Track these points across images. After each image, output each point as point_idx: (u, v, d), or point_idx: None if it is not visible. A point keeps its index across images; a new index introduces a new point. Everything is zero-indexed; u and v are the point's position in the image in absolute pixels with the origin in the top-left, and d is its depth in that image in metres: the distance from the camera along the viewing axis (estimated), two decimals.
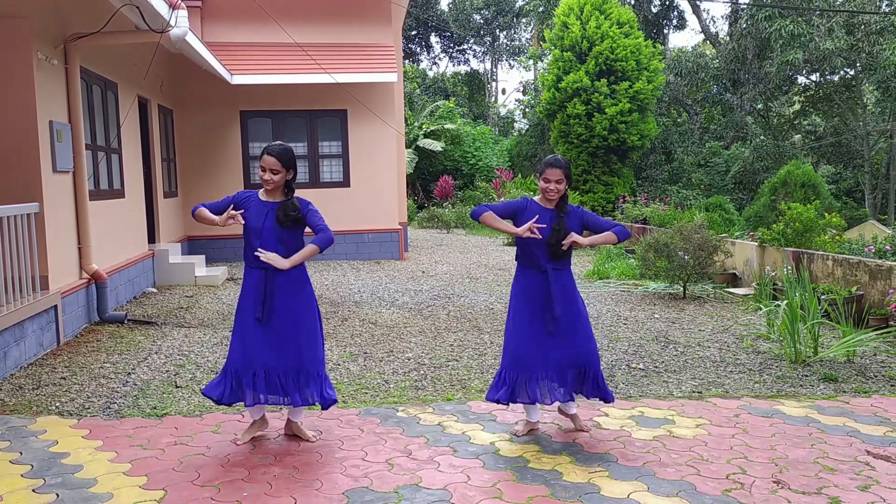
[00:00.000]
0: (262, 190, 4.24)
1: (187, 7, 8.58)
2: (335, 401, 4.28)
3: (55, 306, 6.69)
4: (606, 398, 4.41)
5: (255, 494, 3.60)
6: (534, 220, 4.19)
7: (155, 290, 9.96)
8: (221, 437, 4.39)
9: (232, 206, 4.17)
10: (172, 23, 7.69)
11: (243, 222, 4.12)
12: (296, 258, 4.13)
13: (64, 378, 5.67)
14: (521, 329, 4.29)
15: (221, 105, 12.84)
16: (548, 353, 4.27)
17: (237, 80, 11.96)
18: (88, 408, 4.97)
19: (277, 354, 4.13)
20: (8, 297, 5.96)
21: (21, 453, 4.14)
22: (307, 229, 4.23)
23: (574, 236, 4.23)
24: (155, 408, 4.96)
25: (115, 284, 8.47)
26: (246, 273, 4.22)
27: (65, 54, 7.31)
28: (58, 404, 5.03)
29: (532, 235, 4.18)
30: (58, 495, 3.59)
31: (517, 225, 4.30)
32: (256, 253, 4.10)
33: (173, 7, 7.65)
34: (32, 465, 3.96)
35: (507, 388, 4.28)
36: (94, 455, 4.10)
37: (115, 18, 7.33)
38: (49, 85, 6.94)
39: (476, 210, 4.35)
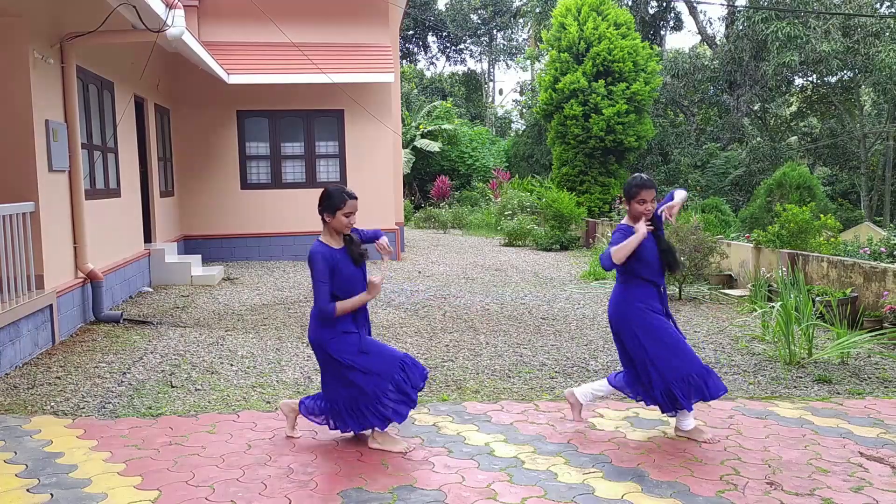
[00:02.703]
0: (324, 238, 4.18)
1: (184, 6, 8.57)
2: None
3: (50, 306, 6.68)
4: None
5: (249, 494, 3.60)
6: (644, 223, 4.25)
7: (151, 290, 9.95)
8: (216, 437, 4.39)
9: (332, 270, 4.11)
10: (169, 22, 7.68)
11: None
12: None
13: (59, 378, 5.66)
14: (678, 341, 4.32)
15: (218, 104, 12.83)
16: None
17: (234, 79, 11.96)
18: (83, 407, 4.96)
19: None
20: (3, 296, 5.95)
21: (16, 453, 4.13)
22: None
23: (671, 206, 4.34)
24: (150, 408, 4.96)
25: (110, 284, 8.46)
26: (348, 325, 4.13)
27: (61, 53, 7.30)
28: (53, 404, 5.03)
29: (648, 227, 4.26)
30: (52, 495, 3.59)
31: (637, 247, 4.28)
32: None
33: (170, 6, 7.64)
34: (27, 465, 3.96)
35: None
36: (88, 455, 4.10)
37: (111, 17, 7.32)
38: (45, 84, 6.93)
39: (604, 259, 4.30)
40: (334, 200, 4.14)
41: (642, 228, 4.21)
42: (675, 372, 4.24)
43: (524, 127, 31.09)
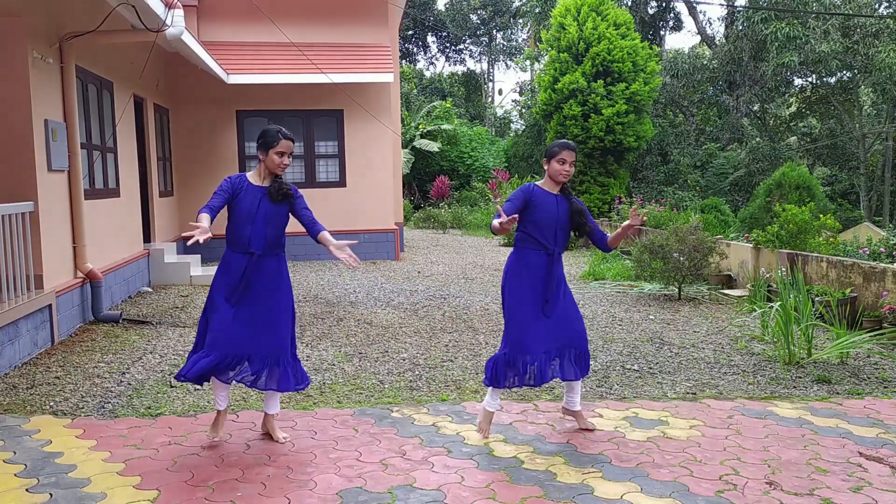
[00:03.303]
0: (250, 173, 4.23)
1: (183, 6, 8.57)
2: (308, 383, 4.34)
3: (50, 305, 6.68)
4: (585, 373, 4.48)
5: (248, 494, 3.60)
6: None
7: (150, 290, 9.95)
8: (217, 436, 4.38)
9: (231, 195, 4.13)
10: (168, 22, 7.68)
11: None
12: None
13: (58, 377, 5.66)
14: (523, 308, 4.29)
15: (217, 104, 12.83)
16: (548, 333, 4.30)
17: (233, 79, 11.96)
18: (82, 407, 4.96)
19: (255, 338, 4.13)
20: (2, 295, 5.95)
21: (15, 453, 4.13)
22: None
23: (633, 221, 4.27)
24: (149, 407, 4.95)
25: (109, 284, 8.45)
26: (228, 257, 4.18)
27: (60, 53, 7.30)
28: (52, 404, 5.02)
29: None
30: (51, 495, 3.58)
31: (527, 211, 4.28)
32: None
33: (169, 6, 7.64)
34: (26, 465, 3.95)
35: (509, 373, 4.29)
36: (87, 455, 4.09)
37: (111, 17, 7.32)
38: (44, 83, 6.93)
39: (494, 225, 4.27)
40: (268, 138, 4.13)
41: (507, 223, 4.06)
42: (504, 348, 4.32)
43: (523, 127, 31.09)
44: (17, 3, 6.50)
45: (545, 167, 4.38)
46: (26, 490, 3.64)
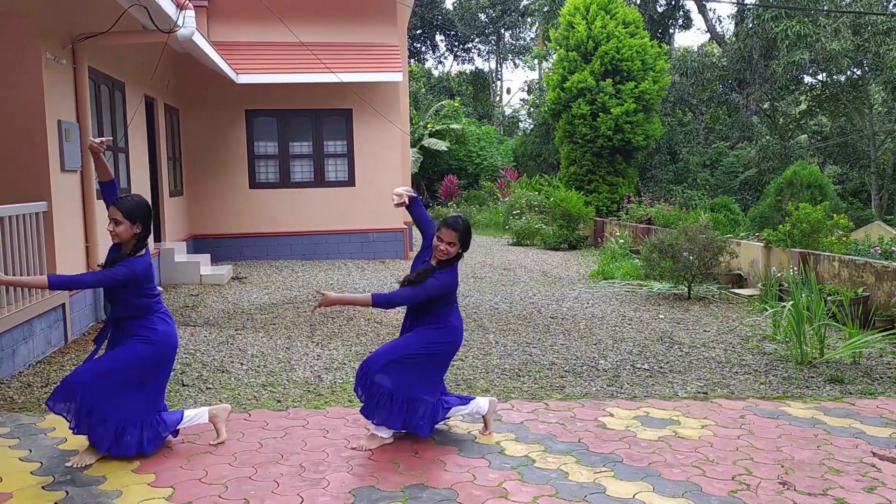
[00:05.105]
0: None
1: (194, 7, 8.61)
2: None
3: (63, 304, 6.73)
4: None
5: (261, 493, 3.62)
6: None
7: (160, 289, 9.99)
8: (228, 435, 4.40)
9: None
10: (180, 23, 7.72)
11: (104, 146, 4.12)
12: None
13: None
14: None
15: (227, 104, 12.88)
16: None
17: (243, 79, 12.00)
18: None
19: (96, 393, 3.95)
20: (17, 295, 5.99)
21: (30, 451, 4.16)
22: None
23: (326, 293, 3.99)
24: None
25: None
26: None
27: (73, 54, 7.34)
28: None
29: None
30: (67, 493, 3.61)
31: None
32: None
33: (181, 7, 7.68)
34: (42, 463, 3.99)
35: None
36: None
37: (122, 18, 7.36)
38: (57, 85, 6.97)
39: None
40: None
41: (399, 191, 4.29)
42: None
43: (532, 126, 31.04)
44: (30, 5, 6.55)
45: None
46: (42, 488, 3.68)
